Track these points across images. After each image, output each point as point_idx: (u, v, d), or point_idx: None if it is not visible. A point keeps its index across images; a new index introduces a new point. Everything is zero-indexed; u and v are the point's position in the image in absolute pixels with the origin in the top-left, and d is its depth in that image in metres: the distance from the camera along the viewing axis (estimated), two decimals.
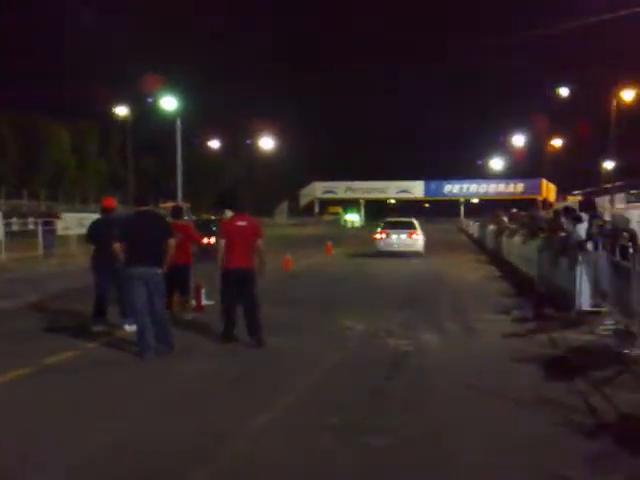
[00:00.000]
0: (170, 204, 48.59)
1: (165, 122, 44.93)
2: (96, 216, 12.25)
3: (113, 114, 50.76)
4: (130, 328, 9.97)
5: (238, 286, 9.55)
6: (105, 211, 11.01)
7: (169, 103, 40.08)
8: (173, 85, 42.77)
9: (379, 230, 29.13)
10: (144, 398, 7.01)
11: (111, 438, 5.78)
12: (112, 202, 11.35)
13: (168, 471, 5.11)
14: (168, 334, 9.03)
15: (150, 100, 46.63)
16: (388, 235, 28.45)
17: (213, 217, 31.63)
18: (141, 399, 6.97)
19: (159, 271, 8.94)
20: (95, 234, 10.62)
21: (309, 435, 5.91)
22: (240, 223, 9.70)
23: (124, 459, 5.35)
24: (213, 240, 21.93)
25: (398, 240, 28.26)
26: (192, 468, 5.10)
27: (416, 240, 28.13)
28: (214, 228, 24.10)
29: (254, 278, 9.65)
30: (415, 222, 29.51)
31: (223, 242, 9.58)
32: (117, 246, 9.06)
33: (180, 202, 34.16)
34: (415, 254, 27.44)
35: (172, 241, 9.15)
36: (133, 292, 8.88)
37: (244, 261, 9.52)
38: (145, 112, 50.89)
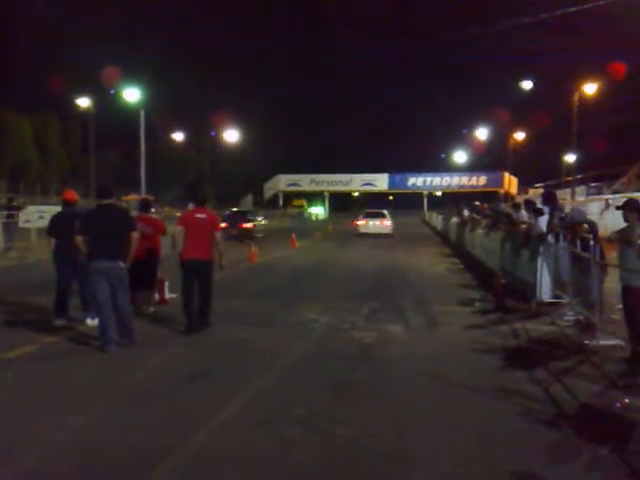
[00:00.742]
0: (133, 197, 48.13)
1: (128, 114, 44.40)
2: (57, 209, 12.07)
3: (75, 105, 50.00)
4: (92, 322, 9.88)
5: (196, 276, 9.86)
6: (67, 204, 10.86)
7: (132, 95, 39.58)
8: (136, 76, 42.25)
9: (361, 217, 41.93)
10: (106, 392, 6.94)
11: (72, 433, 5.72)
12: (73, 195, 11.19)
13: (131, 465, 5.07)
14: (130, 328, 8.96)
15: (112, 92, 46.03)
16: (367, 222, 40.72)
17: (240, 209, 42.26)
18: (103, 393, 6.90)
19: (122, 265, 8.85)
20: (57, 227, 10.47)
21: (274, 426, 5.91)
22: (199, 215, 10.03)
23: (85, 454, 5.30)
24: (248, 225, 34.24)
25: (374, 225, 40.36)
26: (156, 461, 5.07)
27: (386, 225, 40.35)
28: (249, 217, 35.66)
29: (210, 270, 10.00)
30: (386, 213, 42.02)
31: (179, 229, 9.96)
32: (79, 239, 8.96)
33: (144, 195, 33.83)
34: (386, 235, 38.47)
35: (135, 235, 9.06)
36: (95, 286, 8.79)
37: (200, 253, 9.82)
38: (108, 104, 50.28)
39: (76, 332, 9.82)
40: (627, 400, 6.57)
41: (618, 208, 8.81)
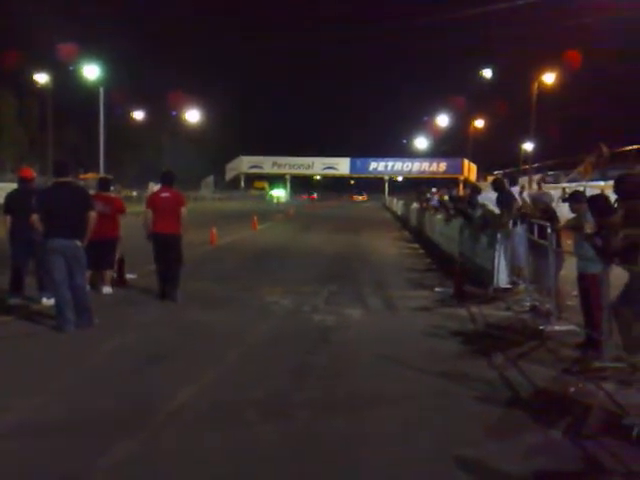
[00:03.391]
0: (91, 175, 47.51)
1: (87, 91, 43.69)
2: (13, 186, 11.84)
3: (33, 81, 48.94)
4: (48, 302, 9.74)
5: (164, 248, 10.84)
6: (23, 181, 10.65)
7: (91, 72, 38.93)
8: (96, 53, 41.55)
9: (354, 193, 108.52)
10: (62, 374, 6.85)
11: (27, 415, 5.64)
12: (30, 172, 10.98)
13: (83, 448, 5.00)
14: (88, 308, 8.84)
15: (72, 68, 45.23)
16: (357, 196, 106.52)
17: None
18: (59, 375, 6.81)
19: (79, 244, 8.73)
20: (13, 205, 10.27)
21: (232, 409, 5.91)
22: (164, 194, 11.05)
23: (35, 437, 5.23)
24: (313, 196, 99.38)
25: (358, 198, 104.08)
26: (110, 445, 5.03)
27: (365, 197, 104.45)
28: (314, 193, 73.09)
29: (177, 242, 10.97)
30: (364, 192, 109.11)
31: (150, 211, 10.96)
32: (35, 217, 8.80)
33: (102, 173, 33.39)
34: (364, 202, 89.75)
35: (93, 214, 8.94)
36: (52, 265, 8.65)
37: (167, 227, 10.82)
38: (67, 80, 49.33)
39: (31, 311, 9.67)
40: (581, 385, 6.70)
41: (564, 201, 8.97)
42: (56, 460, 4.80)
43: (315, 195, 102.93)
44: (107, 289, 11.33)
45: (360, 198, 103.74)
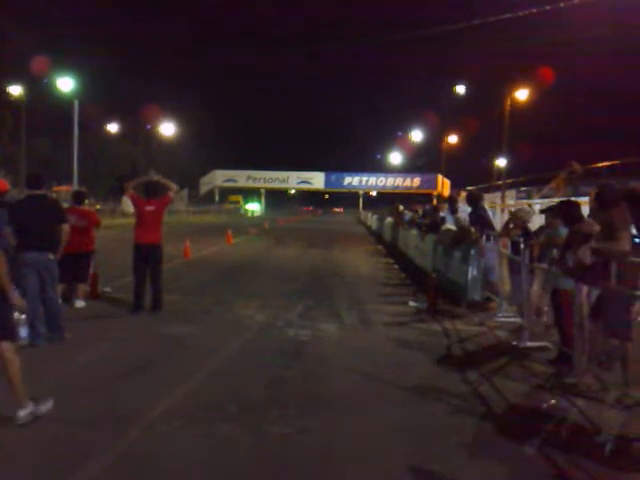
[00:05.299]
0: (64, 188, 47.07)
1: (61, 103, 43.37)
2: None
3: (6, 93, 48.55)
4: (19, 316, 9.60)
5: (146, 259, 11.04)
6: None
7: (66, 84, 38.65)
8: (70, 66, 41.29)
9: (334, 207, 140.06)
10: (34, 388, 6.74)
11: None
12: (4, 184, 10.86)
13: (57, 464, 4.95)
14: (60, 323, 8.75)
15: (46, 81, 44.91)
16: (335, 209, 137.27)
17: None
18: (30, 389, 6.71)
19: (51, 257, 8.64)
20: None
21: (208, 424, 5.87)
22: (148, 207, 11.27)
23: (8, 453, 5.16)
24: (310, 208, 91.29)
25: (337, 210, 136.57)
26: (85, 459, 4.97)
27: (341, 211, 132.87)
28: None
29: (160, 251, 11.21)
30: (341, 206, 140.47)
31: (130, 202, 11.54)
32: (7, 230, 8.69)
33: (76, 186, 33.11)
34: (340, 214, 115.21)
35: (66, 227, 8.87)
36: (23, 278, 8.54)
37: (150, 237, 11.08)
38: (41, 92, 48.97)
39: None
40: (553, 401, 6.75)
41: (542, 212, 9.00)
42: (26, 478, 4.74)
43: (311, 207, 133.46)
44: (80, 303, 11.23)
45: (338, 210, 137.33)
